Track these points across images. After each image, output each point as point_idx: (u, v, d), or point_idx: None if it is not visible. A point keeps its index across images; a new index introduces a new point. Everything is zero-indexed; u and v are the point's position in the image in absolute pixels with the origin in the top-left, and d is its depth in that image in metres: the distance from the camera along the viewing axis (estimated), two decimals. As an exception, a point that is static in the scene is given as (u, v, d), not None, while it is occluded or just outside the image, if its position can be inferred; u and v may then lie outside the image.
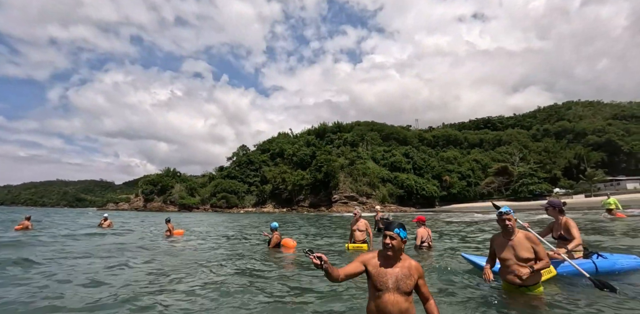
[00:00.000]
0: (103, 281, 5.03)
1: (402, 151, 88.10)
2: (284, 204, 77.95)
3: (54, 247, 9.10)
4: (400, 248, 2.50)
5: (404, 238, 2.50)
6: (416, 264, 2.53)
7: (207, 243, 11.14)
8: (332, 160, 74.69)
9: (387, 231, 2.50)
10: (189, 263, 6.73)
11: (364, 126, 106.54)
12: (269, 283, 5.11)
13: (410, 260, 2.55)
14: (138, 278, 5.32)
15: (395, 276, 2.44)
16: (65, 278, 5.18)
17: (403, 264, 2.50)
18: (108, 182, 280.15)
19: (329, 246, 9.77)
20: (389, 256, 2.48)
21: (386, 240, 2.48)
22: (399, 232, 2.48)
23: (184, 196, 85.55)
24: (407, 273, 2.45)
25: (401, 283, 2.41)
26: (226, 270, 6.18)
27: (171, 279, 5.26)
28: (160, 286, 4.77)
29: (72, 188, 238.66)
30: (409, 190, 73.59)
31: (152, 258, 7.30)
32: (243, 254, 8.26)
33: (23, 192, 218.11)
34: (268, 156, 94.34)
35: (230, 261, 7.24)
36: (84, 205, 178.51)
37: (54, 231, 14.24)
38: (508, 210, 3.66)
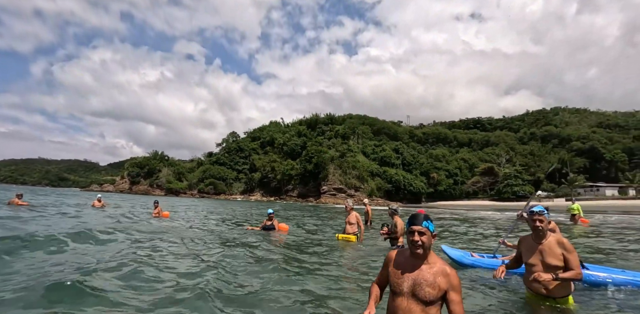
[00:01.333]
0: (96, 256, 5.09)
1: (392, 146, 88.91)
2: (272, 193, 78.12)
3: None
4: (431, 244, 2.10)
5: (433, 232, 2.12)
6: (450, 273, 2.04)
7: (195, 224, 11.48)
8: (323, 151, 74.93)
9: (414, 225, 2.08)
10: (179, 241, 6.87)
11: (356, 119, 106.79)
12: (266, 256, 5.39)
13: (443, 265, 2.09)
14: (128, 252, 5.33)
15: (414, 279, 2.05)
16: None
17: (430, 267, 2.07)
18: (92, 163, 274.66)
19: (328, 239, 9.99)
20: (417, 255, 2.08)
21: (414, 237, 2.06)
22: (427, 225, 2.08)
23: (172, 180, 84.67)
24: (429, 279, 2.02)
25: (418, 288, 2.01)
26: (212, 245, 6.56)
27: (163, 255, 5.39)
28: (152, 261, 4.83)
29: (54, 167, 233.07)
30: (397, 185, 74.72)
31: (142, 235, 7.38)
32: (233, 235, 8.55)
33: (3, 169, 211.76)
34: (258, 144, 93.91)
35: (218, 238, 7.53)
36: (66, 185, 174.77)
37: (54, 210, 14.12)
38: (541, 209, 3.19)
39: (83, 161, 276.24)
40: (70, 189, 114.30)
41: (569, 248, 3.03)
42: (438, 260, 2.13)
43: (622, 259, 6.14)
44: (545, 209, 3.21)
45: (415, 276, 2.06)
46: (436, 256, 2.16)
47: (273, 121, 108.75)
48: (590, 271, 4.31)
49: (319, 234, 10.06)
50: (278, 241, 7.91)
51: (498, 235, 10.24)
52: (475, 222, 16.72)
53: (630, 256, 6.57)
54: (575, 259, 3.02)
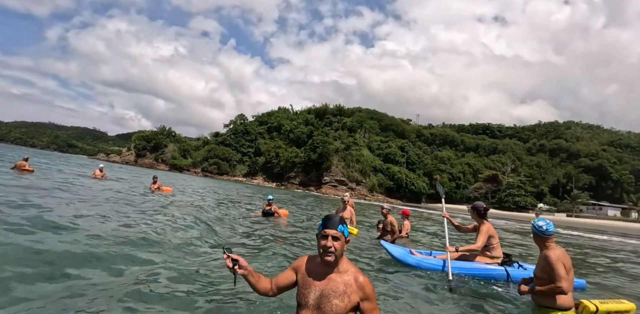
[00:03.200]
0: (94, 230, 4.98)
1: (399, 144, 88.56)
2: (274, 178, 78.60)
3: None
4: (343, 250, 1.88)
5: (347, 237, 1.91)
6: (363, 281, 1.83)
7: (196, 201, 11.69)
8: (329, 142, 74.91)
9: (328, 229, 1.85)
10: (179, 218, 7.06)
11: (364, 113, 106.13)
12: (263, 241, 5.60)
13: (355, 273, 1.87)
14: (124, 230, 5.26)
15: (321, 290, 1.83)
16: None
17: (340, 276, 1.85)
18: (101, 132, 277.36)
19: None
20: (327, 262, 1.84)
21: (327, 242, 1.83)
22: (343, 230, 1.87)
23: (177, 156, 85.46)
24: (338, 290, 1.80)
25: (325, 300, 1.78)
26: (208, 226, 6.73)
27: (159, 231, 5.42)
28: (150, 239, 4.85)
29: (63, 133, 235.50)
30: (399, 183, 74.75)
31: (143, 210, 7.47)
32: (233, 216, 8.80)
33: (13, 131, 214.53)
34: (265, 128, 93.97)
35: (219, 219, 7.84)
36: (74, 152, 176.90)
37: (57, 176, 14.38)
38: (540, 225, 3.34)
39: (92, 130, 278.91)
40: (78, 155, 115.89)
41: (552, 261, 3.10)
42: (350, 267, 1.91)
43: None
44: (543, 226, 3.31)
45: (324, 286, 1.83)
46: (349, 263, 1.93)
47: (282, 107, 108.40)
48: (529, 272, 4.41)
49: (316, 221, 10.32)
50: (277, 225, 8.28)
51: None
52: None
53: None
54: (558, 273, 3.06)
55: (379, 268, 4.98)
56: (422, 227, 13.43)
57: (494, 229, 4.86)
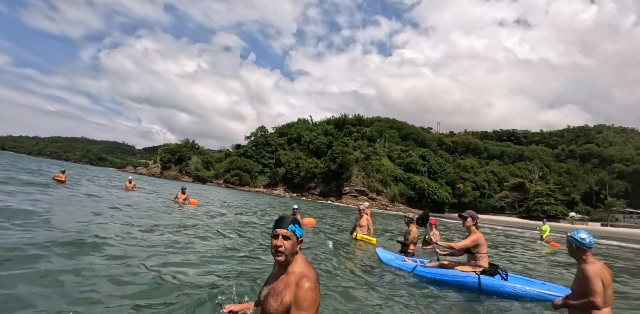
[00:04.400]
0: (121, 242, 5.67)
1: (419, 153, 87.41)
2: (294, 189, 79.10)
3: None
4: (294, 251, 1.90)
5: (300, 237, 1.94)
6: (302, 284, 1.76)
7: (222, 213, 12.45)
8: (348, 152, 74.92)
9: (279, 228, 1.89)
10: (204, 229, 7.56)
11: (384, 122, 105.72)
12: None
13: (300, 276, 1.83)
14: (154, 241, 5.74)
15: (269, 288, 1.89)
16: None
17: (287, 276, 1.86)
18: (129, 146, 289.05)
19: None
20: (279, 262, 1.88)
21: (277, 241, 1.87)
22: (294, 229, 1.91)
23: (200, 168, 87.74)
24: (278, 290, 1.82)
25: (267, 298, 1.84)
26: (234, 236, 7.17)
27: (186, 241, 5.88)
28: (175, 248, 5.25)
29: (95, 147, 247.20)
30: (421, 192, 73.52)
31: (167, 222, 7.90)
32: (258, 225, 9.10)
33: (50, 145, 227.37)
34: (285, 139, 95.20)
35: (242, 229, 8.10)
36: (104, 165, 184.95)
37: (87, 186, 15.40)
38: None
39: (121, 143, 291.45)
40: (108, 168, 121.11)
41: (589, 275, 2.93)
42: (301, 269, 1.87)
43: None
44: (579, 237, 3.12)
45: (271, 285, 1.89)
46: (303, 265, 1.90)
47: (301, 119, 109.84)
48: (510, 282, 4.60)
49: (338, 232, 10.49)
50: (308, 237, 8.48)
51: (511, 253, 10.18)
52: (499, 239, 16.43)
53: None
54: (591, 287, 2.91)
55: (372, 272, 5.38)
56: (451, 239, 13.20)
57: (483, 239, 4.93)
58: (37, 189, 10.20)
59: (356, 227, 8.74)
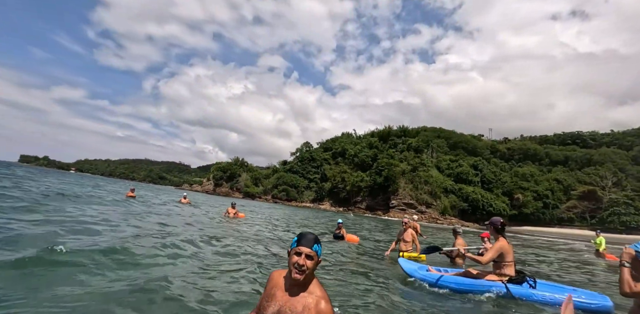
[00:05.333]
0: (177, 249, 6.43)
1: (471, 162, 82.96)
2: (341, 203, 78.84)
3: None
4: (313, 270, 1.86)
5: (319, 257, 1.89)
6: (323, 308, 1.76)
7: (266, 226, 13.67)
8: (394, 164, 73.39)
9: (302, 246, 1.83)
10: (250, 240, 8.55)
11: (430, 132, 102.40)
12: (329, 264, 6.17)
13: (318, 299, 1.80)
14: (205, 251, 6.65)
15: (281, 305, 1.82)
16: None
17: (304, 297, 1.81)
18: (185, 165, 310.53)
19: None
20: (296, 280, 1.81)
21: (300, 259, 1.80)
22: (317, 249, 1.86)
23: (249, 184, 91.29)
24: (296, 310, 1.77)
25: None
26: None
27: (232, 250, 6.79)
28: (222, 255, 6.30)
29: (156, 167, 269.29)
30: (474, 204, 69.24)
31: (215, 233, 8.99)
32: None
33: (119, 167, 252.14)
34: (330, 154, 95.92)
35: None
36: (164, 183, 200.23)
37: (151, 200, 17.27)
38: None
39: (178, 163, 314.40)
40: (167, 186, 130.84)
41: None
42: (317, 291, 1.84)
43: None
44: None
45: (284, 302, 1.83)
46: (317, 286, 1.88)
47: (345, 133, 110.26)
48: (539, 290, 4.57)
49: (383, 249, 10.40)
50: (345, 250, 8.66)
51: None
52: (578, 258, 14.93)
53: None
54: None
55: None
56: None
57: (508, 247, 4.80)
58: (121, 205, 12.30)
59: (400, 243, 8.21)
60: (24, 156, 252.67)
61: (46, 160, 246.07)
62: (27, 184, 15.88)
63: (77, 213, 8.54)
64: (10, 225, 5.80)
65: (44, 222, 6.62)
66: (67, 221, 7.07)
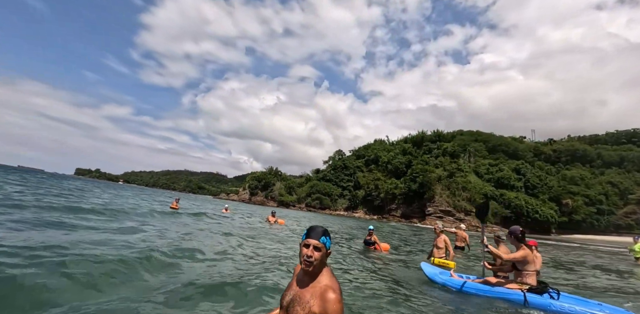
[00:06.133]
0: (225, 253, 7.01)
1: (512, 166, 78.82)
2: (375, 211, 77.69)
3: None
4: (323, 261, 1.96)
5: (328, 249, 2.00)
6: (329, 297, 1.82)
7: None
8: (429, 170, 71.37)
9: (310, 238, 1.95)
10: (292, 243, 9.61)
11: (467, 136, 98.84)
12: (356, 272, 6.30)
13: (325, 288, 1.88)
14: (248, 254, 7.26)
15: (294, 295, 1.95)
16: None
17: (313, 286, 1.92)
18: (222, 175, 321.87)
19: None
20: (306, 271, 1.94)
21: (308, 251, 1.92)
22: (325, 241, 1.96)
23: (283, 193, 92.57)
24: (305, 298, 1.87)
25: (292, 305, 1.90)
26: None
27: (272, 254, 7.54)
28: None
29: (195, 178, 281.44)
30: (518, 211, 65.36)
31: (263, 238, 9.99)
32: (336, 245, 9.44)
33: (161, 178, 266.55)
34: (363, 161, 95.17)
35: None
36: (203, 193, 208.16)
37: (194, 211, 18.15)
38: None
39: (215, 174, 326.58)
40: (205, 196, 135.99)
41: None
42: (328, 280, 1.93)
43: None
44: None
45: (297, 291, 1.95)
46: (329, 276, 1.96)
47: (377, 139, 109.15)
48: (561, 302, 4.53)
49: (414, 255, 10.37)
50: (376, 258, 8.91)
51: None
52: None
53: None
54: None
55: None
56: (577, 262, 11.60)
57: (532, 257, 4.91)
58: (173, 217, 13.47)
59: (433, 249, 8.24)
60: (79, 169, 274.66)
61: (98, 172, 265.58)
62: (117, 200, 17.58)
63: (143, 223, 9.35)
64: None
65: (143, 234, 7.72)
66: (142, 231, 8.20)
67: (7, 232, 5.80)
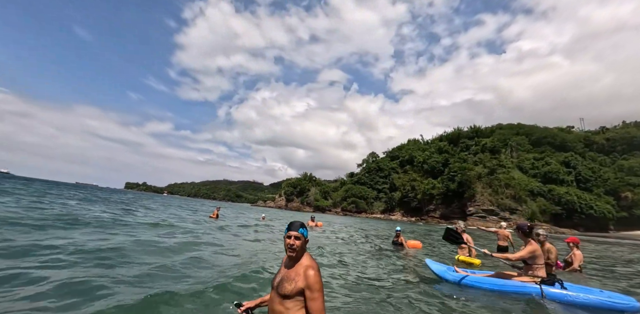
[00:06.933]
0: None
1: (560, 159, 73.60)
2: (412, 213, 75.69)
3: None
4: (303, 248, 2.43)
5: (306, 238, 2.46)
6: (310, 273, 2.27)
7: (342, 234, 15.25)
8: (468, 168, 68.50)
9: (290, 231, 2.42)
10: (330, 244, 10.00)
11: (507, 130, 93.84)
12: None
13: (306, 267, 2.33)
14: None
15: (282, 276, 2.38)
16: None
17: (297, 267, 2.37)
18: (258, 183, 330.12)
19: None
20: (291, 257, 2.40)
21: (290, 240, 2.39)
22: (303, 232, 2.43)
23: (319, 198, 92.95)
24: (290, 276, 2.32)
25: (280, 283, 2.34)
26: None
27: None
28: None
29: (233, 186, 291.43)
30: (570, 207, 60.60)
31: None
32: (367, 247, 9.25)
33: (202, 188, 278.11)
34: (397, 163, 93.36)
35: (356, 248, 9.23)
36: (241, 201, 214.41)
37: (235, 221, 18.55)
38: None
39: (252, 182, 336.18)
40: (243, 204, 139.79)
41: None
42: (308, 262, 2.38)
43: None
44: None
45: (284, 273, 2.39)
46: (309, 259, 2.42)
47: (411, 139, 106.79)
48: (570, 291, 4.68)
49: (442, 254, 10.07)
50: (399, 257, 8.78)
51: None
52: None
53: None
54: None
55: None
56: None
57: (541, 251, 5.02)
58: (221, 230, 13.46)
59: (458, 249, 8.56)
60: (128, 183, 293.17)
61: (145, 185, 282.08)
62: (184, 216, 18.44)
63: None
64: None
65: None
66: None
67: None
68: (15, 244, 5.25)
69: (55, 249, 5.29)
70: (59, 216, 9.49)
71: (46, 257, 4.76)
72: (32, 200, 14.78)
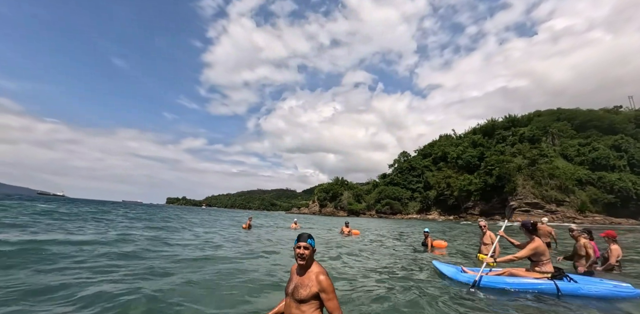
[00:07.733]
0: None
1: (609, 143, 68.00)
2: (450, 211, 72.83)
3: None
4: (311, 256, 2.66)
5: (314, 247, 2.69)
6: (321, 278, 2.51)
7: (377, 241, 13.98)
8: (506, 161, 65.06)
9: (300, 242, 2.65)
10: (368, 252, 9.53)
11: (546, 116, 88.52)
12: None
13: (317, 273, 2.57)
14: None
15: (295, 283, 2.59)
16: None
17: (308, 274, 2.59)
18: (291, 191, 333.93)
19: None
20: (301, 265, 2.63)
21: (300, 250, 2.61)
22: (311, 242, 2.67)
23: (352, 202, 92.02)
24: (304, 283, 2.54)
25: (295, 290, 2.54)
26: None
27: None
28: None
29: (267, 196, 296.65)
30: (624, 195, 55.38)
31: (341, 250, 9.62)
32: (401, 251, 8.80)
33: (237, 199, 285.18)
34: (430, 160, 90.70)
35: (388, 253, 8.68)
36: (275, 209, 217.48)
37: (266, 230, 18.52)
38: None
39: (285, 190, 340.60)
40: (278, 212, 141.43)
41: None
42: (317, 268, 2.62)
43: None
44: None
45: (297, 280, 2.61)
46: (318, 266, 2.66)
47: (443, 135, 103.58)
48: (581, 284, 4.66)
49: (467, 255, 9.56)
50: (420, 258, 8.61)
51: None
52: None
53: None
54: None
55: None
56: None
57: (544, 246, 4.98)
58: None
59: (481, 246, 8.13)
60: (169, 198, 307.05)
61: (184, 200, 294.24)
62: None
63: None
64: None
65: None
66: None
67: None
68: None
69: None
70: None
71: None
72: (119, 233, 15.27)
